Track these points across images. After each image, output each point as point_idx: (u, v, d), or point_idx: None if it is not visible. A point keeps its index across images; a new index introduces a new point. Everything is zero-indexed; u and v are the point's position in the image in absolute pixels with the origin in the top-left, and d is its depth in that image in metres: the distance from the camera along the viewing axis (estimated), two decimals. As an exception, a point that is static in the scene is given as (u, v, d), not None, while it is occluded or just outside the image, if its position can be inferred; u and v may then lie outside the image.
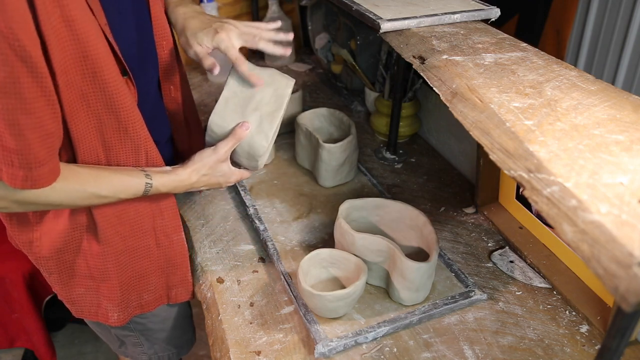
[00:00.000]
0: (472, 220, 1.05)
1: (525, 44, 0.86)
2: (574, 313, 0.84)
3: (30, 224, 0.82)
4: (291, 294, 0.86)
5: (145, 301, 0.95)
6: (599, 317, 0.81)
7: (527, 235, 0.97)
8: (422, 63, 0.82)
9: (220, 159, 0.85)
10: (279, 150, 1.26)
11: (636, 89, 1.70)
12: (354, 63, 1.39)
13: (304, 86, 1.63)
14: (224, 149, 0.84)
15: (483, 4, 1.00)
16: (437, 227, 1.02)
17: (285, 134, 1.30)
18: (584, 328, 0.81)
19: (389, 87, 1.27)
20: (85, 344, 1.83)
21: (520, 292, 0.88)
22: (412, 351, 0.78)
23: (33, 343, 1.60)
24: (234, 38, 0.83)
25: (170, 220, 0.91)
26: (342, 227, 0.86)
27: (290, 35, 0.88)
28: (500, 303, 0.86)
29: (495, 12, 0.98)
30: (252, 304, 0.87)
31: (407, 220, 0.92)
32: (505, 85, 0.71)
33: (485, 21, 0.98)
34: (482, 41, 0.87)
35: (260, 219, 1.03)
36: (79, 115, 0.72)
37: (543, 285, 0.89)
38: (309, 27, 1.64)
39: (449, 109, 0.72)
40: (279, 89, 0.85)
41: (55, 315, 1.70)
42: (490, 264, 0.94)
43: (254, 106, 0.84)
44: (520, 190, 0.78)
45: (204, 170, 0.84)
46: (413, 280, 0.80)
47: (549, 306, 0.85)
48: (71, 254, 0.85)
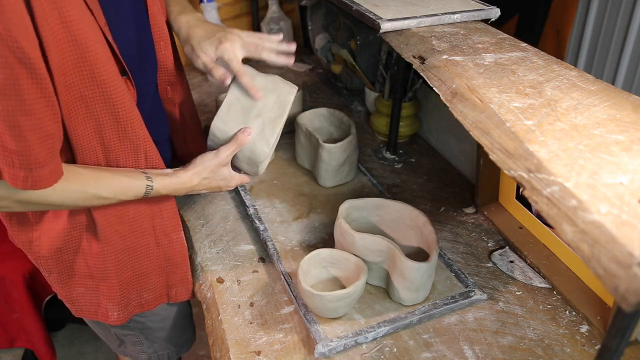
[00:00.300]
0: (472, 220, 1.05)
1: (525, 44, 0.86)
2: (574, 313, 0.84)
3: (30, 224, 0.82)
4: (291, 294, 0.86)
5: (145, 300, 0.95)
6: (599, 317, 0.81)
7: (527, 235, 0.97)
8: (422, 63, 0.82)
9: (222, 163, 0.85)
10: (279, 151, 1.26)
11: (636, 89, 1.70)
12: (354, 63, 1.39)
13: (304, 86, 1.63)
14: (226, 154, 0.84)
15: (483, 4, 1.00)
16: (437, 227, 1.02)
17: (285, 134, 1.30)
18: (584, 328, 0.81)
19: (389, 87, 1.27)
20: (85, 344, 1.83)
21: (520, 292, 0.88)
22: (412, 351, 0.78)
23: (33, 343, 1.60)
24: (237, 49, 0.83)
25: (169, 219, 0.91)
26: (342, 227, 0.86)
27: (293, 46, 0.88)
28: (500, 303, 0.86)
29: (495, 12, 0.98)
30: (252, 304, 0.87)
31: (407, 220, 0.92)
32: (505, 85, 0.71)
33: (485, 21, 0.98)
34: (482, 41, 0.87)
35: (260, 219, 1.03)
36: (78, 117, 0.72)
37: (543, 285, 0.89)
38: (309, 27, 1.64)
39: (449, 109, 0.72)
40: (282, 96, 0.85)
41: (55, 315, 1.70)
42: (490, 264, 0.94)
43: (257, 112, 0.84)
44: (520, 190, 0.78)
45: (205, 173, 0.85)
46: (413, 280, 0.80)
47: (549, 306, 0.85)
48: (71, 253, 0.85)
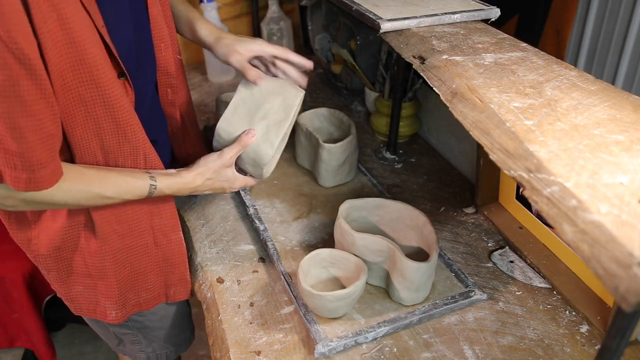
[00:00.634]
0: (472, 220, 1.05)
1: (525, 44, 0.86)
2: (574, 313, 0.84)
3: (29, 222, 0.82)
4: (291, 294, 0.86)
5: (143, 299, 0.95)
6: (599, 317, 0.81)
7: (527, 235, 0.97)
8: (422, 63, 0.82)
9: (226, 164, 0.86)
10: (278, 150, 1.26)
11: (636, 89, 1.70)
12: (354, 63, 1.39)
13: (304, 86, 1.63)
14: (229, 155, 0.85)
15: (483, 4, 1.00)
16: (437, 227, 1.02)
17: (286, 134, 1.30)
18: (584, 328, 0.81)
19: (389, 87, 1.27)
20: (85, 344, 1.83)
21: (520, 292, 0.88)
22: (412, 351, 0.78)
23: (33, 343, 1.60)
24: (267, 45, 0.88)
25: (168, 219, 0.91)
26: (342, 227, 0.86)
27: (310, 64, 0.91)
28: (500, 303, 0.86)
29: (495, 12, 0.98)
30: (252, 304, 0.87)
31: (407, 220, 0.92)
32: (505, 85, 0.71)
33: (485, 21, 0.98)
34: (482, 41, 0.87)
35: (260, 219, 1.03)
36: (77, 118, 0.72)
37: (543, 285, 0.89)
38: (309, 27, 1.64)
39: (449, 109, 0.72)
40: (288, 99, 0.86)
41: (55, 315, 1.70)
42: (490, 264, 0.94)
43: (262, 114, 0.85)
44: (520, 190, 0.78)
45: (209, 174, 0.85)
46: (413, 280, 0.80)
47: (549, 306, 0.85)
48: (69, 251, 0.85)
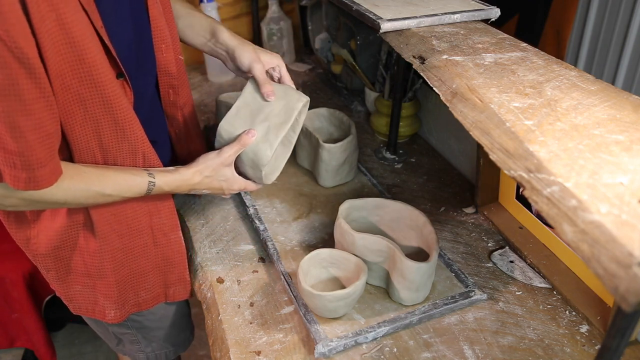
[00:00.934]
0: (472, 220, 1.05)
1: (525, 44, 0.86)
2: (574, 313, 0.83)
3: (28, 222, 0.82)
4: (291, 294, 0.86)
5: (142, 299, 0.95)
6: (599, 317, 0.81)
7: (527, 235, 0.97)
8: (422, 63, 0.82)
9: (224, 163, 0.85)
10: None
11: (636, 89, 1.70)
12: (354, 63, 1.39)
13: (304, 86, 1.63)
14: (228, 153, 0.85)
15: (483, 4, 1.00)
16: (437, 227, 1.02)
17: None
18: (584, 328, 0.81)
19: (389, 87, 1.27)
20: (85, 344, 1.83)
21: (520, 292, 0.88)
22: (412, 351, 0.78)
23: (33, 343, 1.60)
24: (283, 64, 0.92)
25: (167, 218, 0.91)
26: (342, 227, 0.86)
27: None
28: (500, 303, 0.86)
29: (495, 12, 0.98)
30: (252, 304, 0.87)
31: (407, 220, 0.92)
32: (505, 85, 0.71)
33: (485, 21, 0.98)
34: (482, 41, 0.87)
35: (260, 219, 1.03)
36: (76, 118, 0.72)
37: (543, 285, 0.89)
38: (309, 27, 1.64)
39: (449, 109, 0.72)
40: (290, 103, 0.87)
41: (55, 315, 1.70)
42: (490, 264, 0.94)
43: (264, 117, 0.86)
44: (520, 190, 0.78)
45: (207, 172, 0.85)
46: (413, 280, 0.80)
47: (549, 306, 0.85)
48: (68, 251, 0.85)
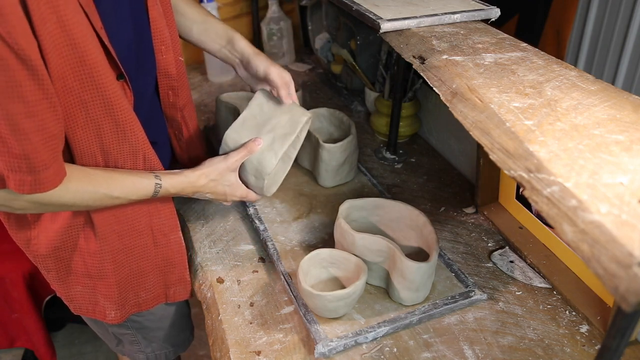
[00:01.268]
0: (472, 220, 1.05)
1: (525, 44, 0.86)
2: (574, 313, 0.83)
3: (28, 222, 0.82)
4: (291, 294, 0.86)
5: (142, 300, 0.95)
6: (599, 317, 0.81)
7: (527, 235, 0.97)
8: (422, 63, 0.82)
9: (230, 168, 0.87)
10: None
11: (636, 89, 1.70)
12: (354, 63, 1.39)
13: (304, 86, 1.63)
14: (235, 158, 0.87)
15: (483, 4, 1.00)
16: (437, 227, 1.02)
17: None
18: (584, 328, 0.81)
19: (389, 87, 1.27)
20: (85, 344, 1.83)
21: (520, 292, 0.88)
22: (412, 351, 0.78)
23: (33, 343, 1.60)
24: (291, 80, 0.94)
25: (167, 219, 0.91)
26: (342, 227, 0.86)
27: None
28: (500, 303, 0.86)
29: (495, 12, 0.98)
30: (252, 304, 0.87)
31: (407, 220, 0.92)
32: (505, 85, 0.71)
33: (485, 21, 0.98)
34: (482, 41, 0.87)
35: (260, 219, 1.03)
36: (77, 120, 0.72)
37: (543, 285, 0.89)
38: (309, 27, 1.64)
39: (449, 109, 0.72)
40: (295, 117, 0.91)
41: (55, 315, 1.70)
42: (490, 264, 0.94)
43: (269, 128, 0.89)
44: (520, 190, 0.78)
45: (213, 175, 0.86)
46: (413, 280, 0.80)
47: (549, 306, 0.85)
48: (68, 251, 0.85)
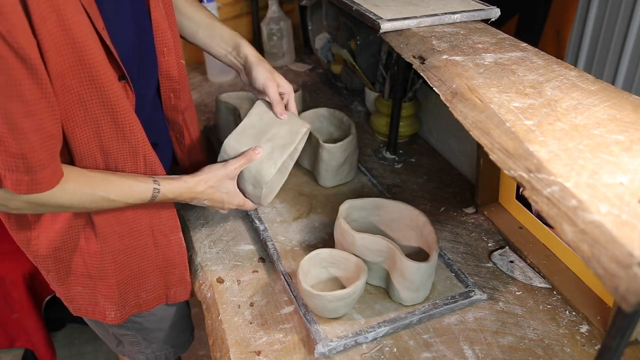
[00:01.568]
0: (472, 220, 1.05)
1: (525, 44, 0.86)
2: (574, 313, 0.83)
3: (28, 223, 0.82)
4: (291, 294, 0.86)
5: (143, 300, 0.95)
6: (599, 317, 0.81)
7: (527, 235, 0.97)
8: (422, 63, 0.82)
9: (229, 175, 0.87)
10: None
11: (636, 89, 1.70)
12: (354, 63, 1.39)
13: (304, 86, 1.63)
14: (234, 166, 0.86)
15: (483, 4, 1.00)
16: (437, 227, 1.02)
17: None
18: (584, 328, 0.81)
19: (389, 87, 1.27)
20: (85, 344, 1.83)
21: (520, 292, 0.88)
22: (412, 351, 0.78)
23: (33, 343, 1.60)
24: (292, 90, 0.95)
25: (168, 220, 0.91)
26: (342, 227, 0.86)
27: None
28: (500, 303, 0.86)
29: (495, 12, 0.98)
30: (252, 304, 0.87)
31: (407, 220, 0.92)
32: (505, 85, 0.71)
33: (485, 21, 0.98)
34: (482, 41, 0.87)
35: (260, 219, 1.03)
36: (77, 119, 0.72)
37: (543, 285, 0.89)
38: (309, 27, 1.64)
39: (449, 109, 0.72)
40: (294, 127, 0.91)
41: (55, 315, 1.70)
42: (490, 264, 0.94)
43: (269, 137, 0.89)
44: (520, 190, 0.78)
45: (212, 182, 0.86)
46: (413, 280, 0.80)
47: (549, 306, 0.85)
48: (68, 252, 0.85)
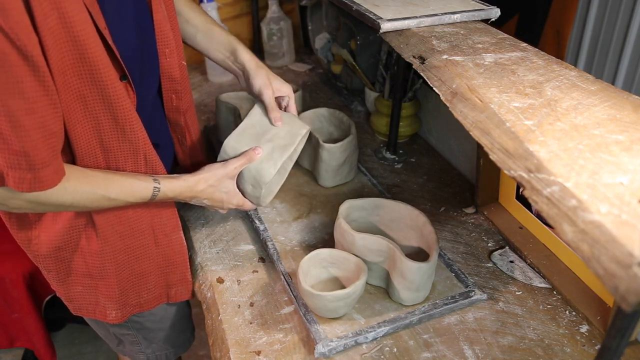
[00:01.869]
0: (472, 220, 1.05)
1: (525, 44, 0.86)
2: (574, 313, 0.84)
3: (29, 222, 0.82)
4: (291, 294, 0.86)
5: (144, 300, 0.95)
6: (599, 317, 0.81)
7: (527, 235, 0.97)
8: (422, 63, 0.82)
9: (229, 175, 0.87)
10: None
11: (636, 89, 1.70)
12: (354, 63, 1.39)
13: (304, 86, 1.63)
14: (234, 166, 0.86)
15: (483, 4, 1.00)
16: (437, 227, 1.02)
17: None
18: (584, 328, 0.81)
19: (389, 87, 1.27)
20: (85, 344, 1.83)
21: (520, 292, 0.88)
22: (412, 351, 0.78)
23: (33, 343, 1.60)
24: (292, 93, 0.95)
25: (168, 219, 0.91)
26: (342, 227, 0.86)
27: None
28: (500, 303, 0.86)
29: (495, 12, 0.98)
30: (252, 304, 0.87)
31: (407, 220, 0.92)
32: (505, 85, 0.71)
33: (485, 21, 0.98)
34: (482, 41, 0.87)
35: (260, 219, 1.03)
36: (77, 116, 0.72)
37: (543, 285, 0.89)
38: (309, 27, 1.64)
39: (449, 109, 0.72)
40: (294, 129, 0.91)
41: (55, 315, 1.70)
42: (490, 264, 0.94)
43: (269, 138, 0.89)
44: (520, 190, 0.78)
45: (212, 181, 0.86)
46: (413, 280, 0.80)
47: (549, 306, 0.85)
48: (69, 252, 0.85)
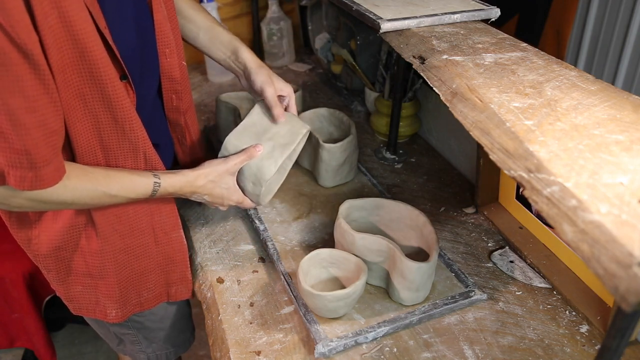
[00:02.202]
0: (472, 220, 1.05)
1: (525, 44, 0.86)
2: (574, 313, 0.84)
3: (29, 222, 0.82)
4: (291, 294, 0.86)
5: (144, 299, 0.95)
6: (599, 317, 0.81)
7: (527, 235, 0.97)
8: (422, 63, 0.82)
9: (229, 170, 0.87)
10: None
11: (636, 89, 1.70)
12: (354, 63, 1.39)
13: (304, 86, 1.63)
14: (234, 162, 0.87)
15: (483, 4, 1.00)
16: (437, 227, 1.02)
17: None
18: (584, 328, 0.81)
19: (389, 87, 1.27)
20: (85, 344, 1.83)
21: (520, 292, 0.88)
22: (412, 351, 0.78)
23: (33, 343, 1.60)
24: (292, 93, 0.95)
25: (168, 217, 0.91)
26: (342, 227, 0.86)
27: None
28: (500, 303, 0.86)
29: (495, 12, 0.98)
30: (252, 304, 0.87)
31: (407, 220, 0.92)
32: (505, 85, 0.71)
33: (485, 21, 0.98)
34: (482, 41, 0.87)
35: (260, 219, 1.03)
36: (77, 114, 0.72)
37: (543, 285, 0.89)
38: (309, 27, 1.64)
39: (449, 109, 0.72)
40: (295, 128, 0.92)
41: (55, 315, 1.70)
42: (490, 264, 0.94)
43: (270, 136, 0.90)
44: (520, 190, 0.78)
45: (212, 176, 0.86)
46: (413, 280, 0.80)
47: (549, 306, 0.85)
48: (69, 251, 0.85)
